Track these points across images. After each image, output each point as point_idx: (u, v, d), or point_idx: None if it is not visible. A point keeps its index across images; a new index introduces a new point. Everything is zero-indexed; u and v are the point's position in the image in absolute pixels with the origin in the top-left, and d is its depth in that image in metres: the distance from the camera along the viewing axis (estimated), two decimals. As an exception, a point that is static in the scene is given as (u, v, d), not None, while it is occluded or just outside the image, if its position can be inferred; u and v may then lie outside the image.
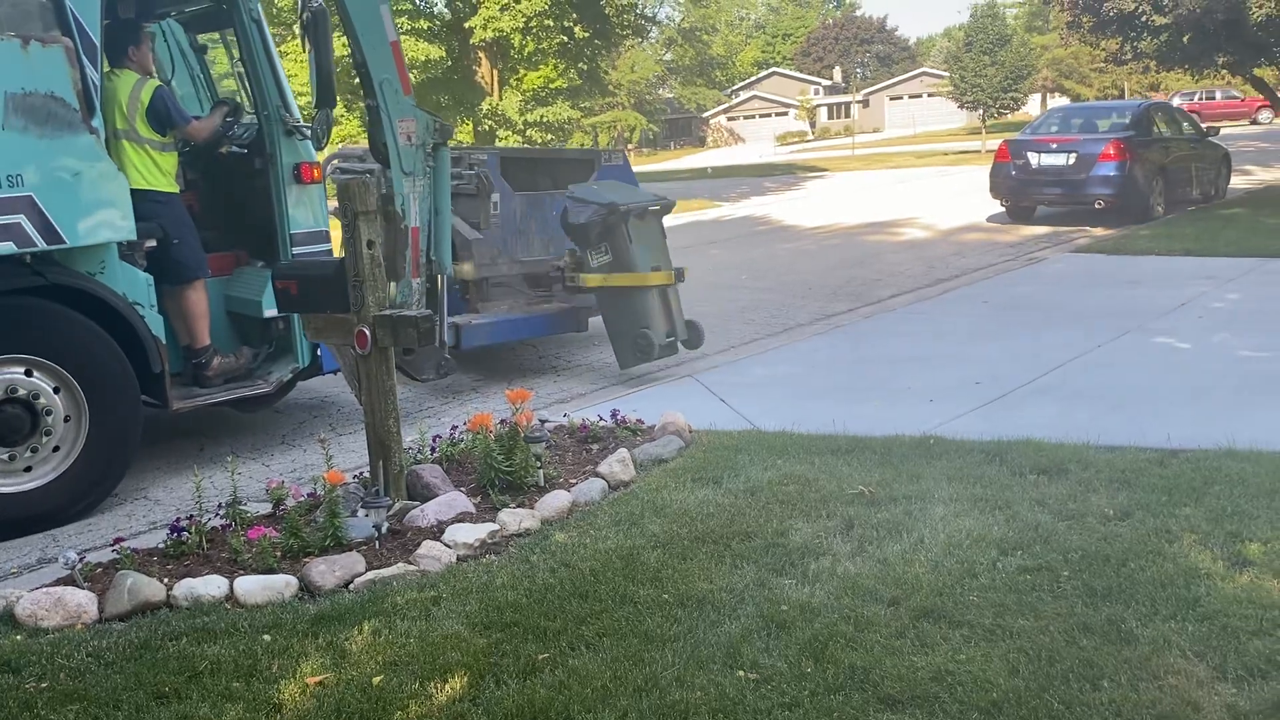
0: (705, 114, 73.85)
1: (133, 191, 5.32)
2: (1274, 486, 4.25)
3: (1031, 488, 4.45)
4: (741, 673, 3.10)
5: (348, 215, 4.45)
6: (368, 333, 4.45)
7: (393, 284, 6.29)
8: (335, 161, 8.52)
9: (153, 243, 5.66)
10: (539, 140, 25.79)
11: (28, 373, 5.03)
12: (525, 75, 25.79)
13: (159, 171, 5.77)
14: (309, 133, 6.10)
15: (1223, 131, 17.56)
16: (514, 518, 4.41)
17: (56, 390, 5.10)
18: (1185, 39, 12.71)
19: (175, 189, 5.94)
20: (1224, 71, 14.82)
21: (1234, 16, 11.86)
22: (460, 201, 7.54)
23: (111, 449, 5.26)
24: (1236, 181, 18.10)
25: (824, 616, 3.40)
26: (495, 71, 25.70)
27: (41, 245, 4.92)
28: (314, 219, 6.22)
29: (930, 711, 2.85)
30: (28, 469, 5.08)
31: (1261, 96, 15.13)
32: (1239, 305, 8.45)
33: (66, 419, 5.13)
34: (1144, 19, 12.80)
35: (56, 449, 5.13)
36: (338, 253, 7.99)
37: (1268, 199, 16.19)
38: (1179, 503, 4.17)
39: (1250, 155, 24.33)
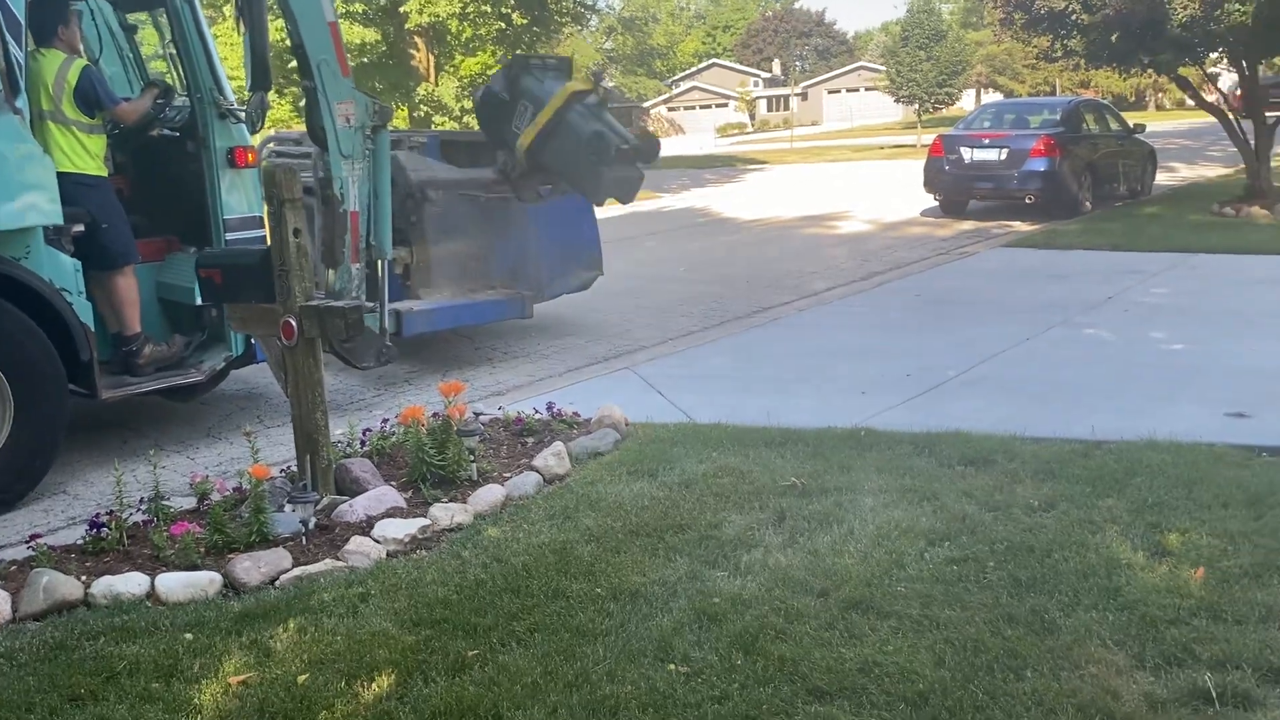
0: (646, 104, 73.81)
1: (59, 174, 5.16)
2: (1193, 477, 4.36)
3: (959, 479, 4.51)
4: (672, 666, 3.10)
5: (274, 203, 4.36)
6: (294, 324, 4.36)
7: (331, 270, 6.19)
8: (271, 145, 8.34)
9: (80, 227, 5.49)
10: (476, 126, 25.56)
11: None
12: (463, 61, 25.51)
13: (86, 154, 5.60)
14: (243, 116, 5.95)
15: (1149, 128, 18.00)
16: (446, 512, 4.36)
17: None
18: (1113, 38, 12.96)
19: (103, 172, 5.76)
20: (1150, 70, 15.13)
21: (1158, 17, 12.15)
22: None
23: (36, 442, 5.09)
24: (1162, 178, 18.58)
25: (755, 609, 3.41)
26: (432, 57, 25.38)
27: None
28: (248, 204, 6.08)
29: (858, 703, 2.88)
30: None
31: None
32: (1163, 300, 8.67)
33: None
34: (1073, 18, 13.03)
35: None
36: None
37: (1191, 195, 16.65)
38: (1102, 494, 4.26)
39: (1175, 152, 24.99)
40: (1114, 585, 3.46)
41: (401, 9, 24.14)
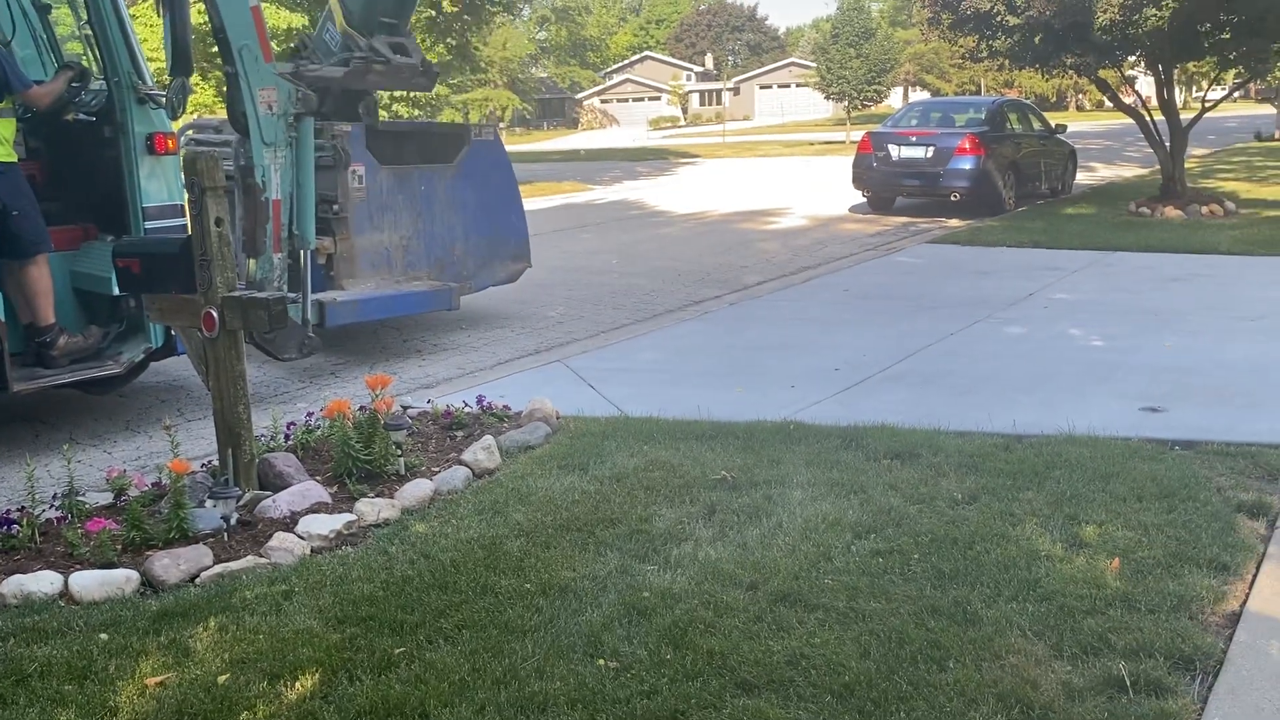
0: (579, 95, 73.62)
1: None
2: (1109, 471, 4.48)
3: (885, 472, 4.58)
4: (602, 661, 3.09)
5: (194, 190, 4.25)
6: (216, 315, 4.25)
7: (252, 260, 6.06)
8: (190, 133, 8.13)
9: None
10: (406, 115, 25.17)
11: None
12: (393, 49, 25.17)
13: None
14: (163, 101, 5.78)
15: (1070, 128, 18.47)
16: (372, 508, 4.29)
17: None
18: (1036, 39, 13.27)
19: (13, 158, 5.54)
20: (1071, 72, 15.52)
21: (1080, 20, 12.45)
22: (317, 175, 7.27)
23: None
24: (1082, 177, 19.10)
25: (684, 603, 3.42)
26: (361, 44, 24.99)
27: None
28: (168, 192, 5.91)
29: (785, 695, 2.90)
30: None
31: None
32: (1081, 296, 8.90)
33: None
34: (999, 19, 13.29)
35: None
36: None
37: (1110, 194, 17.13)
38: (1022, 487, 4.36)
39: (1095, 152, 25.70)
40: (1034, 576, 3.54)
41: (329, -7, 23.72)
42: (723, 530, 4.01)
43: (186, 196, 5.16)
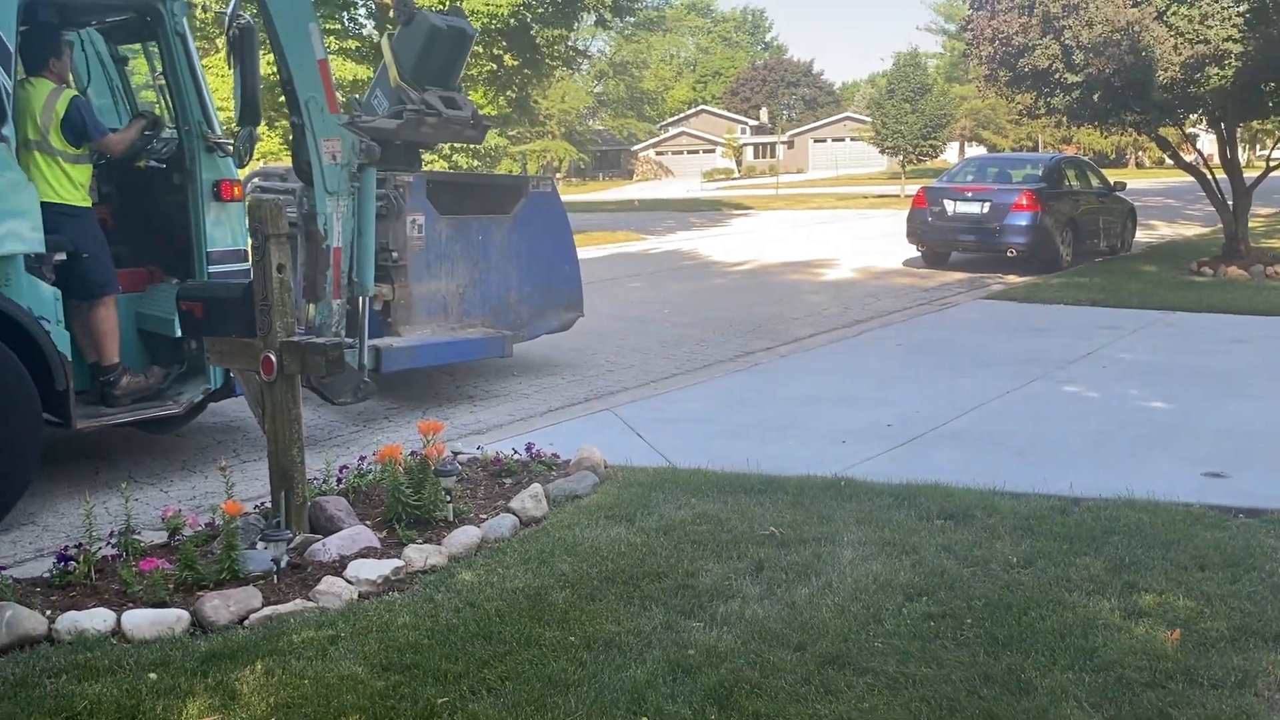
0: (634, 147, 74.44)
1: (42, 204, 5.13)
2: (1169, 538, 4.36)
3: (938, 533, 4.50)
4: (645, 719, 3.05)
5: (258, 237, 4.34)
6: (274, 359, 4.32)
7: (312, 305, 6.17)
8: (255, 180, 8.34)
9: (61, 256, 5.47)
10: (466, 166, 25.63)
11: None
12: (454, 100, 25.70)
13: (70, 184, 5.58)
14: (230, 149, 5.96)
15: (1129, 185, 18.26)
16: (420, 554, 4.31)
17: None
18: (1095, 97, 13.17)
19: (87, 202, 5.74)
20: (1130, 129, 15.37)
21: (1141, 78, 12.35)
22: (377, 223, 7.40)
23: (8, 472, 5.02)
24: (1141, 235, 18.83)
25: (730, 662, 3.37)
26: (423, 96, 25.55)
27: None
28: (232, 238, 6.06)
29: (832, 761, 2.84)
30: None
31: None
32: (1141, 357, 8.73)
33: None
34: (1057, 76, 13.23)
35: None
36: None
37: (1170, 253, 16.86)
38: (1079, 552, 4.25)
39: (1155, 210, 25.37)
40: (1090, 645, 3.44)
41: (394, 46, 24.33)
42: (770, 588, 3.96)
43: (250, 242, 5.29)
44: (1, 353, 4.98)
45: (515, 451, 5.59)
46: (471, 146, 25.28)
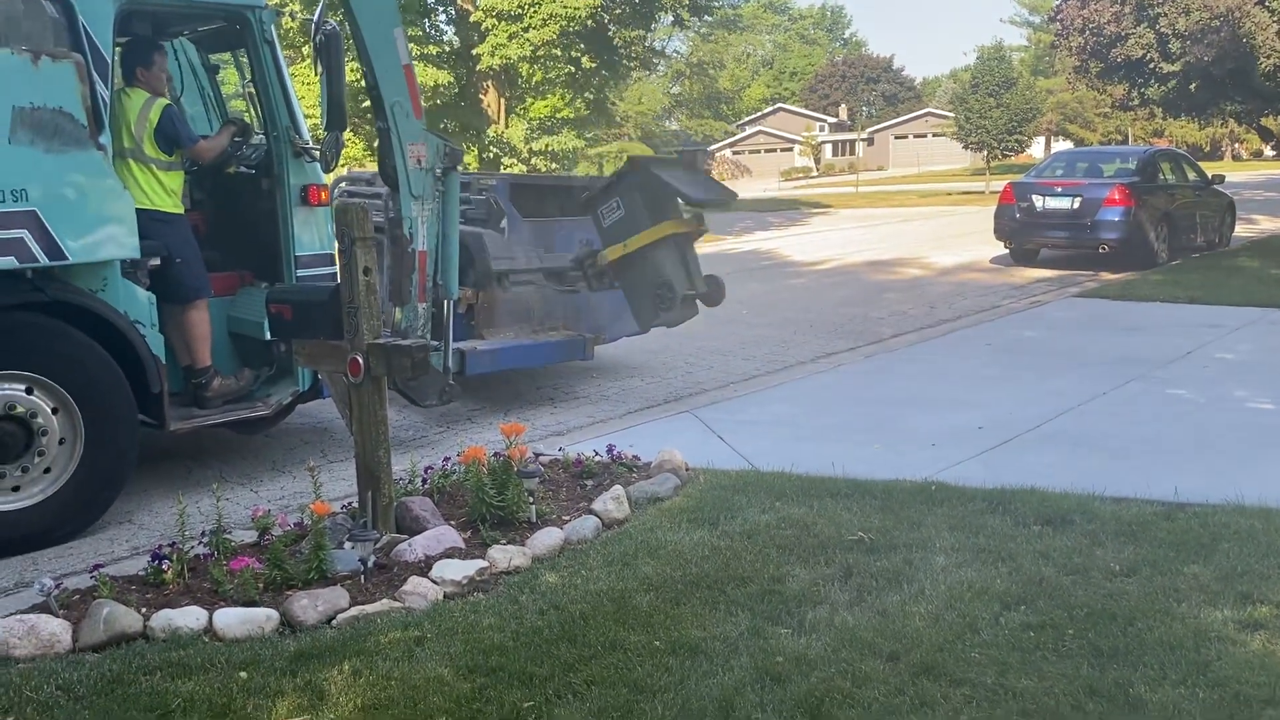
0: (711, 147, 74.26)
1: (137, 211, 5.26)
2: (1284, 545, 4.14)
3: (1035, 539, 4.34)
4: (734, 728, 2.98)
5: (344, 240, 4.38)
6: (361, 361, 4.36)
7: (398, 309, 6.24)
8: (343, 184, 8.47)
9: (155, 261, 5.60)
10: (543, 168, 25.83)
11: (28, 390, 4.94)
12: (532, 104, 25.88)
13: (164, 191, 5.71)
14: (318, 154, 6.05)
15: (1227, 178, 17.58)
16: (504, 555, 4.30)
17: (55, 411, 5.01)
18: (1193, 87, 12.72)
19: (180, 209, 5.87)
20: (1230, 120, 14.81)
21: (1242, 66, 11.88)
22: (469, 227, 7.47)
23: (105, 474, 5.16)
24: (1241, 230, 18.10)
25: (820, 670, 3.28)
26: (502, 99, 25.78)
27: (44, 261, 4.86)
28: (320, 242, 6.15)
29: (930, 776, 2.74)
30: (15, 489, 4.97)
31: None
32: (1245, 356, 8.36)
33: (61, 441, 5.03)
34: (1152, 66, 12.82)
35: (48, 470, 5.02)
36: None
37: (1273, 248, 16.17)
38: (1187, 560, 4.06)
39: (1258, 204, 24.36)
40: (1203, 659, 3.27)
41: (474, 51, 24.61)
42: (860, 594, 3.86)
43: (337, 246, 5.35)
44: (99, 356, 5.12)
45: (596, 453, 5.56)
46: (549, 149, 25.46)
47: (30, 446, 4.96)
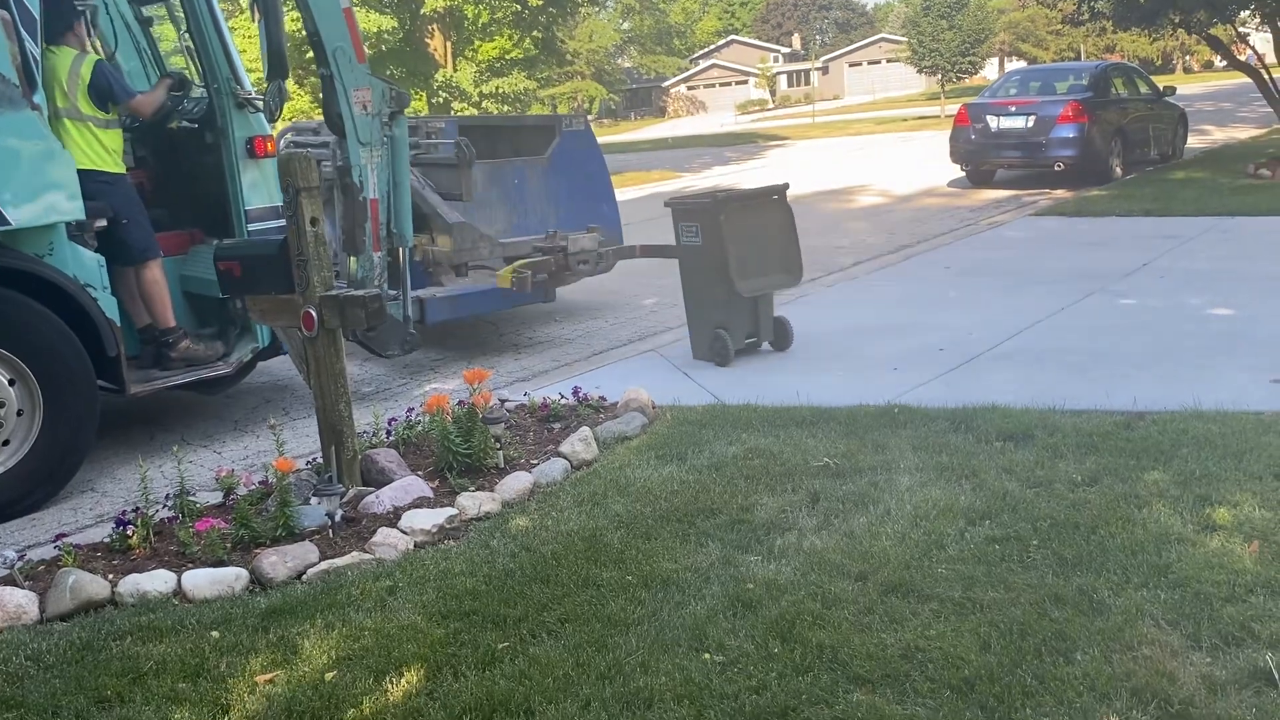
0: (665, 83, 73.41)
1: (78, 171, 5.11)
2: (1241, 448, 4.21)
3: (998, 455, 4.39)
4: (707, 655, 3.01)
5: (289, 191, 4.28)
6: (314, 314, 4.29)
7: (353, 259, 6.15)
8: (289, 135, 8.29)
9: (102, 223, 5.48)
10: (494, 111, 25.44)
11: None
12: (480, 46, 25.39)
13: (104, 150, 5.58)
14: (261, 105, 5.91)
15: (1179, 91, 17.63)
16: (473, 501, 4.29)
17: (11, 383, 4.91)
18: (1141, -1, 12.70)
19: (121, 168, 5.74)
20: (1180, 31, 14.79)
21: (1190, -25, 11.87)
22: (440, 173, 7.32)
23: (67, 440, 5.09)
24: (1194, 141, 18.20)
25: (791, 594, 3.31)
26: (448, 43, 25.28)
27: None
28: (269, 194, 6.03)
29: (901, 690, 2.78)
30: None
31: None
32: (1199, 265, 8.45)
33: (19, 413, 4.95)
34: (1100, -22, 12.76)
35: (6, 443, 4.93)
36: None
37: (1224, 157, 16.29)
38: (1147, 467, 4.12)
39: (1209, 114, 24.52)
40: (1164, 562, 3.33)
41: (417, -6, 24.10)
42: (827, 519, 3.89)
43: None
44: (52, 323, 5.01)
45: (562, 396, 5.54)
46: (500, 91, 25.07)
47: None
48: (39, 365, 4.96)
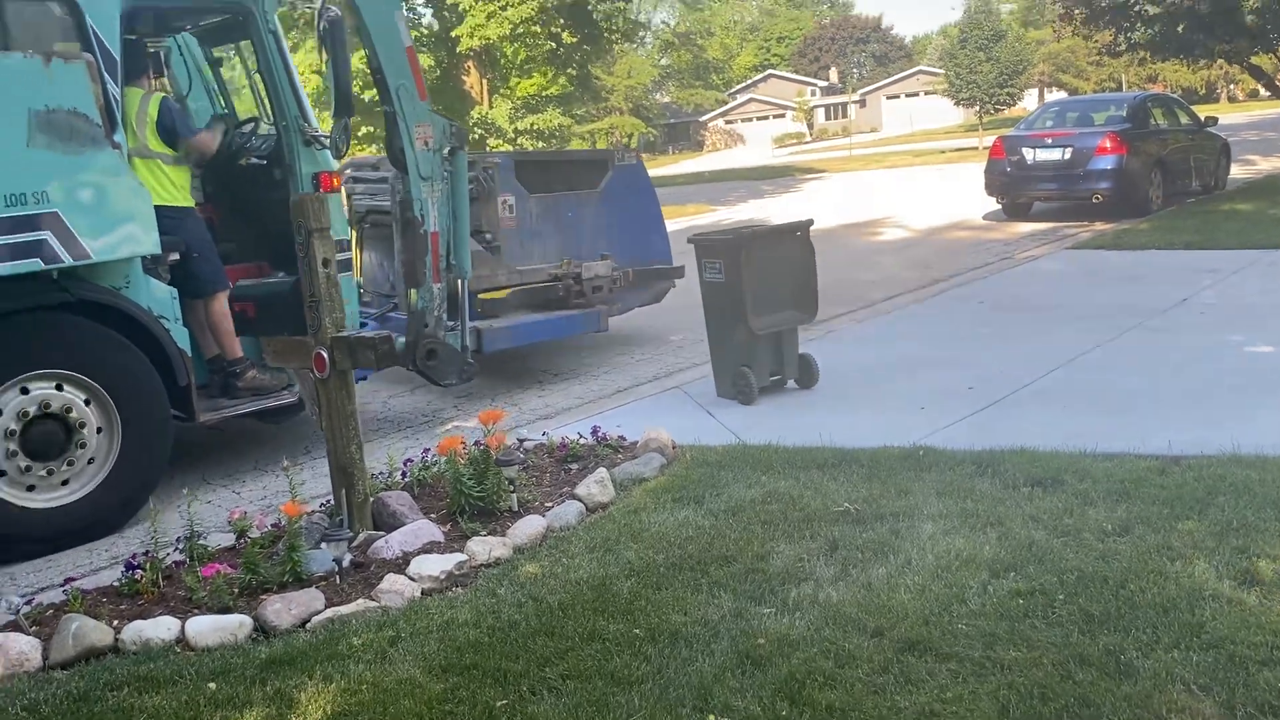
0: (703, 117, 73.70)
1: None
2: (1281, 496, 4.02)
3: (1025, 501, 4.23)
4: (712, 717, 2.89)
5: (301, 232, 4.26)
6: (325, 355, 4.25)
7: (413, 290, 6.20)
8: (348, 171, 8.39)
9: (175, 256, 5.64)
10: (529, 147, 25.62)
11: (58, 387, 5.02)
12: (517, 83, 25.63)
13: (173, 186, 5.76)
14: (327, 142, 6.01)
15: (1221, 120, 17.33)
16: (484, 546, 4.20)
17: (88, 402, 5.09)
18: (1179, 28, 12.49)
19: (190, 203, 5.93)
20: (1220, 60, 14.56)
21: (1228, 5, 11.65)
22: (477, 207, 7.36)
23: (145, 458, 5.25)
24: (1237, 171, 17.87)
25: (803, 650, 3.18)
26: (484, 80, 25.54)
27: (68, 261, 4.88)
28: (335, 229, 6.11)
29: (914, 758, 2.64)
30: (65, 482, 5.07)
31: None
32: (1242, 300, 8.22)
33: (99, 430, 5.12)
34: (1137, 9, 12.59)
35: (91, 460, 5.12)
36: (358, 260, 7.91)
37: (1269, 189, 15.94)
38: (1181, 516, 3.95)
39: (1253, 144, 24.08)
40: (1198, 620, 3.16)
41: (453, 34, 24.36)
42: (845, 569, 3.76)
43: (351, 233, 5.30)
44: (128, 350, 5.19)
45: (581, 436, 5.46)
46: (534, 127, 25.26)
47: (71, 442, 5.05)
48: (114, 387, 5.14)
